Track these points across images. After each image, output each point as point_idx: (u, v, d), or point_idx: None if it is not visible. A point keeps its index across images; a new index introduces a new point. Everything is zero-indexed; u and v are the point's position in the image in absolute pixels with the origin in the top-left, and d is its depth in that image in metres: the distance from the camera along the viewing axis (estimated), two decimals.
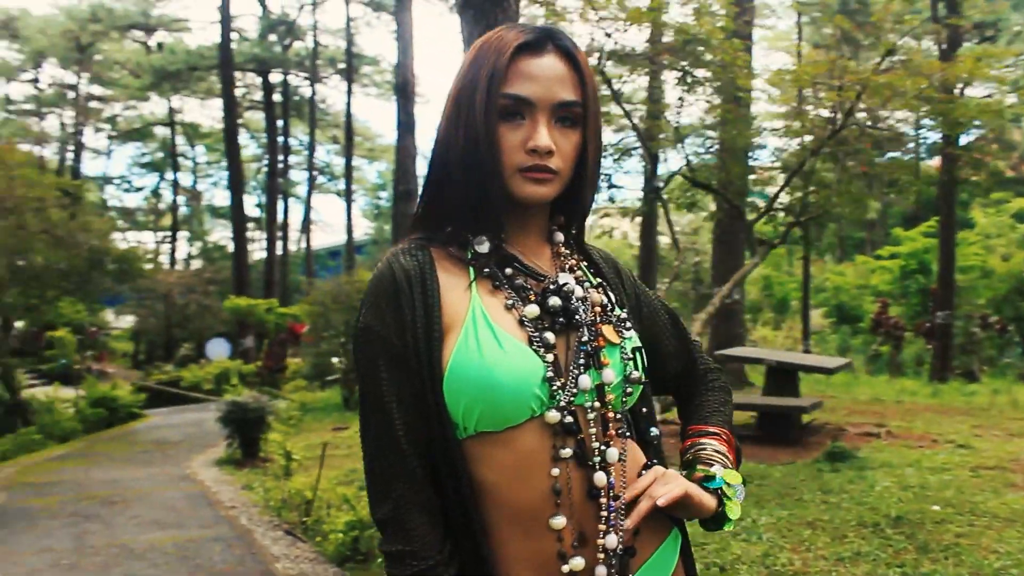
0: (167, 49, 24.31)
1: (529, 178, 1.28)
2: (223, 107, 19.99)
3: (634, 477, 1.35)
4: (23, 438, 11.15)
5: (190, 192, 39.69)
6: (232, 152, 20.64)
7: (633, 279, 1.56)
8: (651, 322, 1.53)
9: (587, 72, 1.33)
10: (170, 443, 11.48)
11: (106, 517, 7.11)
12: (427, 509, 1.29)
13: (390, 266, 1.32)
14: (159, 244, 39.05)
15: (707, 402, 1.55)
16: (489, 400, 1.23)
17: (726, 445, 1.45)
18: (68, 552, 6.04)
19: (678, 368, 1.58)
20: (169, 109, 33.64)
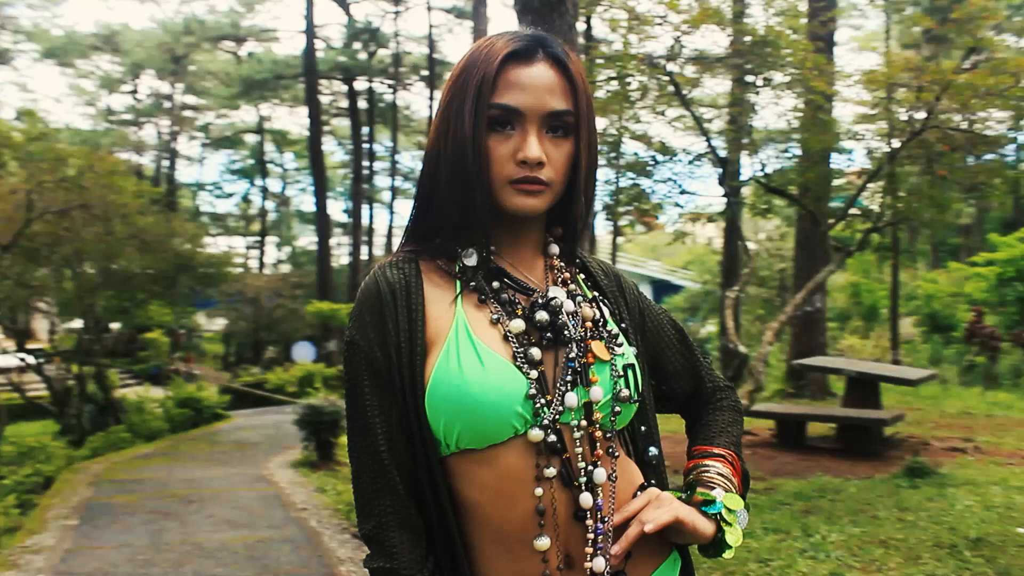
0: (254, 59, 24.98)
1: (520, 190, 1.25)
2: (308, 114, 20.42)
3: (627, 499, 1.31)
4: (113, 436, 11.55)
5: (279, 198, 40.63)
6: (316, 158, 21.06)
7: (637, 293, 1.50)
8: (656, 338, 1.48)
9: (579, 80, 1.28)
10: (249, 444, 11.74)
11: (183, 515, 7.30)
12: (409, 526, 1.27)
13: (375, 279, 1.29)
14: (249, 249, 40.11)
15: (714, 422, 1.50)
16: (469, 418, 1.19)
17: (730, 468, 1.40)
18: (145, 548, 6.23)
19: (685, 386, 1.53)
20: (258, 117, 34.53)
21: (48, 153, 10.69)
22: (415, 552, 1.26)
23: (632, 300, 1.46)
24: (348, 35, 23.63)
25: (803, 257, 12.97)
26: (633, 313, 1.44)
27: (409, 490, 1.26)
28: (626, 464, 1.35)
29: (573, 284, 1.37)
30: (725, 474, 1.37)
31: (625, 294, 1.45)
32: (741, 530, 1.31)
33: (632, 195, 9.85)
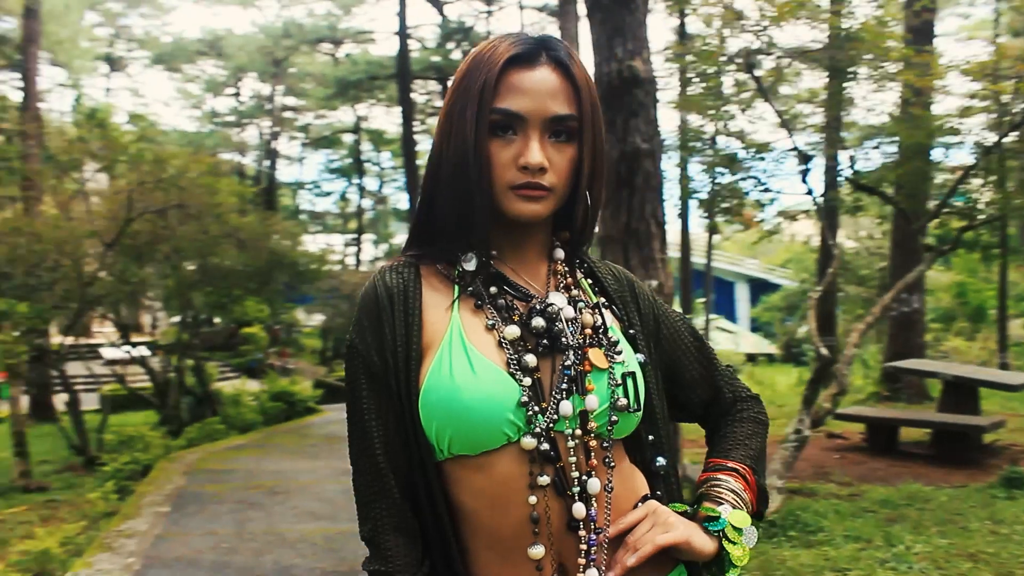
0: (349, 60, 25.50)
1: (521, 195, 1.24)
2: (400, 114, 20.74)
3: (627, 510, 1.28)
4: (208, 427, 11.94)
5: (376, 196, 41.37)
6: (409, 157, 21.37)
7: (652, 300, 1.48)
8: (672, 346, 1.46)
9: (583, 83, 1.27)
10: (338, 438, 11.98)
11: (268, 506, 7.50)
12: (404, 530, 1.28)
13: (374, 284, 1.31)
14: (347, 246, 40.96)
15: (732, 434, 1.46)
16: (460, 424, 1.20)
17: (743, 483, 1.36)
18: (229, 536, 6.43)
19: (702, 396, 1.50)
20: (355, 117, 35.22)
21: (149, 155, 11.15)
22: (410, 556, 1.27)
23: (646, 307, 1.44)
24: (441, 35, 23.89)
25: (899, 256, 12.53)
26: (646, 320, 1.42)
27: (404, 494, 1.28)
28: (629, 474, 1.33)
29: (576, 290, 1.35)
30: (736, 490, 1.34)
31: (638, 300, 1.43)
32: (748, 548, 1.28)
33: (727, 192, 9.68)
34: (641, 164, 4.70)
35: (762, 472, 1.43)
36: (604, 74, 4.80)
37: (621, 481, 1.29)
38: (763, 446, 1.47)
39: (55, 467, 10.55)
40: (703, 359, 1.49)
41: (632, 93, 4.71)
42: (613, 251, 4.78)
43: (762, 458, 1.45)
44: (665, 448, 1.39)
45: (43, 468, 10.37)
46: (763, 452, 1.46)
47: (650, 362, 1.37)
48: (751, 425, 1.48)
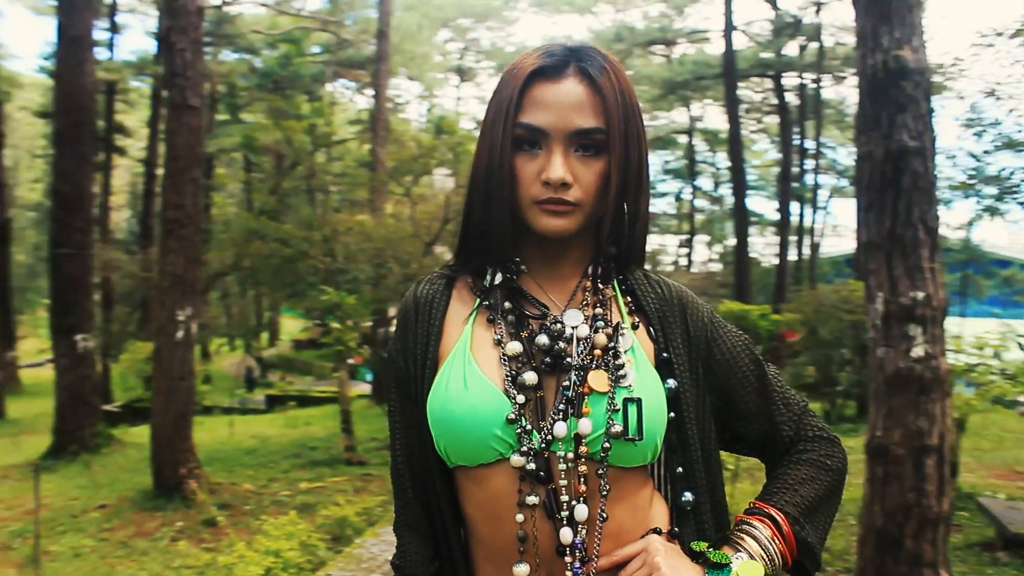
0: (675, 61, 25.46)
1: (545, 210, 1.22)
2: (727, 112, 20.38)
3: (632, 542, 1.23)
4: None
5: (710, 197, 40.95)
6: (736, 156, 20.93)
7: (709, 322, 1.35)
8: (726, 372, 1.34)
9: (611, 95, 1.21)
10: None
11: None
12: (416, 528, 1.34)
13: (410, 294, 1.37)
14: (680, 247, 40.96)
15: (783, 476, 1.33)
16: (451, 436, 1.22)
17: (775, 533, 1.24)
18: None
19: (758, 431, 1.37)
20: (689, 117, 35.08)
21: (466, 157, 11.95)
22: (420, 554, 1.33)
23: (697, 329, 1.33)
24: (773, 30, 23.10)
25: None
26: (695, 343, 1.32)
27: (419, 495, 1.33)
28: (644, 505, 1.27)
29: (603, 308, 1.29)
30: (762, 539, 1.23)
31: (687, 321, 1.33)
32: None
33: None
34: (909, 164, 4.25)
35: (814, 524, 1.29)
36: (868, 66, 4.39)
37: (630, 512, 1.24)
38: (821, 495, 1.31)
39: (378, 445, 11.64)
40: (762, 390, 1.35)
41: (899, 86, 4.26)
42: (876, 259, 4.37)
43: (819, 509, 1.31)
44: (698, 482, 1.29)
45: (368, 445, 11.49)
46: (821, 502, 1.31)
47: (689, 389, 1.28)
48: (809, 469, 1.33)
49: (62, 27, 11.98)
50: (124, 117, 29.51)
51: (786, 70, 23.56)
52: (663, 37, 26.64)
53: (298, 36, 32.18)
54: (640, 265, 1.38)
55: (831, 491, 1.33)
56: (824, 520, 1.32)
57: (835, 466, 1.35)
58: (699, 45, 29.60)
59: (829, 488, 1.33)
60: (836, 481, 1.34)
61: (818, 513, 1.30)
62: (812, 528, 1.29)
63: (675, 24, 28.25)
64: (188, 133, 8.09)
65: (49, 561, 6.28)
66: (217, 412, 16.99)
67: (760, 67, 23.20)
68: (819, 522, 1.30)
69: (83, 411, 11.57)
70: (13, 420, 19.14)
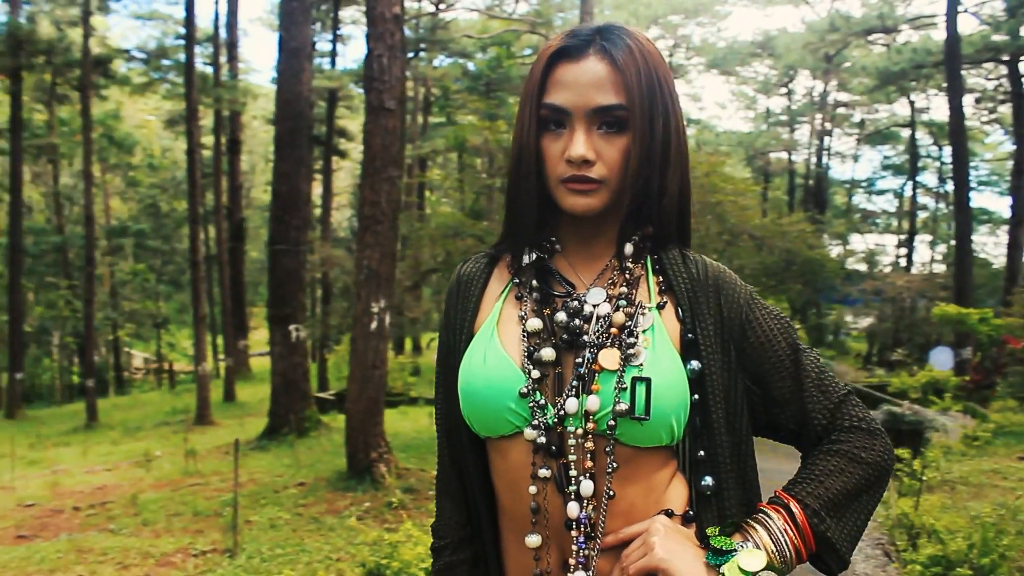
0: (893, 50, 23.91)
1: (570, 189, 1.25)
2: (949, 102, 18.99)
3: (639, 520, 1.24)
4: None
5: (935, 193, 38.37)
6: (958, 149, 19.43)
7: (746, 303, 1.31)
8: (760, 356, 1.30)
9: (632, 71, 1.22)
10: None
11: None
12: (451, 494, 1.41)
13: (456, 272, 1.44)
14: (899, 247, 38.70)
15: (809, 467, 1.28)
16: (472, 408, 1.29)
17: (788, 522, 1.21)
18: None
19: (790, 418, 1.31)
20: (911, 109, 33.00)
21: None
22: (455, 518, 1.40)
23: (732, 311, 1.29)
24: (1007, 9, 21.27)
25: None
26: (729, 325, 1.28)
27: (455, 464, 1.39)
28: (659, 486, 1.26)
29: (630, 287, 1.29)
30: (773, 529, 1.20)
31: (721, 302, 1.29)
32: None
33: None
34: None
35: (840, 519, 1.24)
36: None
37: (643, 492, 1.24)
38: (851, 488, 1.25)
39: None
40: (797, 377, 1.30)
41: None
42: None
43: (847, 504, 1.25)
44: (722, 467, 1.26)
45: None
46: (850, 496, 1.25)
47: (717, 371, 1.25)
48: (839, 460, 1.26)
49: (283, 40, 12.94)
50: (346, 122, 31.37)
51: (1021, 54, 21.64)
52: (882, 25, 25.14)
53: (508, 39, 33.00)
54: (681, 243, 1.36)
55: (865, 486, 1.26)
56: (855, 517, 1.25)
57: (871, 459, 1.27)
58: (924, 31, 27.80)
59: (862, 482, 1.26)
60: (872, 476, 1.27)
61: (846, 508, 1.24)
62: (836, 523, 1.23)
63: (897, 10, 26.62)
64: (384, 134, 8.51)
65: (248, 529, 6.84)
66: (422, 403, 17.71)
67: (991, 51, 21.40)
68: (847, 518, 1.24)
69: (295, 396, 12.46)
70: (241, 403, 20.88)
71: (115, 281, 38.78)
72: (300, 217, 13.14)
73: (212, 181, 27.38)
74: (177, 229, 37.59)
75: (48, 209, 38.29)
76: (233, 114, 26.86)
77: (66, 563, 6.06)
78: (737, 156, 35.82)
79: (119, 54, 28.56)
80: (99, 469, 11.80)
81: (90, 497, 9.22)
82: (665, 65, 1.28)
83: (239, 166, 28.15)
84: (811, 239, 13.22)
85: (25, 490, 10.20)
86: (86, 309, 22.92)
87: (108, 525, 7.52)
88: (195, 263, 18.99)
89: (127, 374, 41.66)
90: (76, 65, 24.73)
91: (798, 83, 36.43)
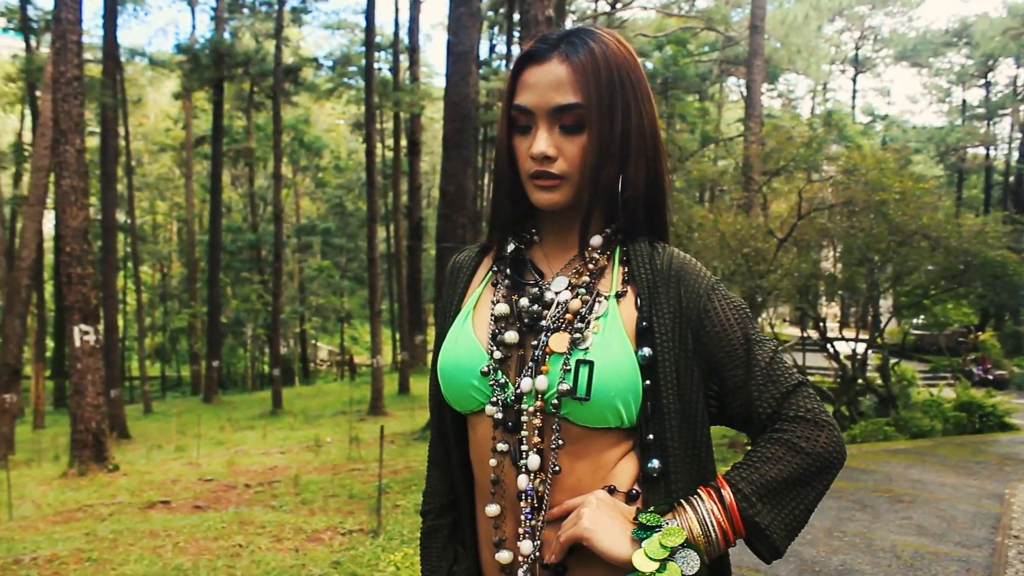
0: None
1: (536, 185, 1.33)
2: None
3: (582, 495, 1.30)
4: (876, 427, 11.77)
5: None
6: None
7: (705, 294, 1.33)
8: (715, 346, 1.31)
9: (590, 71, 1.29)
10: (1016, 460, 10.74)
11: (880, 511, 7.26)
12: (439, 465, 1.52)
13: (452, 260, 1.56)
14: None
15: (751, 453, 1.29)
16: (445, 386, 1.40)
17: (717, 504, 1.23)
18: (816, 530, 6.47)
19: (738, 407, 1.32)
20: None
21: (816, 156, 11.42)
22: (440, 487, 1.52)
23: (691, 300, 1.31)
24: None
25: None
26: (685, 313, 1.30)
27: (442, 437, 1.50)
28: (606, 465, 1.30)
29: (592, 277, 1.35)
30: (700, 510, 1.23)
31: (681, 292, 1.32)
32: (679, 569, 1.17)
33: None
34: None
35: (774, 506, 1.23)
36: None
37: (590, 469, 1.29)
38: (787, 477, 1.24)
39: (717, 441, 11.55)
40: (747, 367, 1.31)
41: None
42: None
43: (783, 492, 1.24)
44: (669, 451, 1.28)
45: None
46: (786, 484, 1.24)
47: (670, 359, 1.28)
48: (778, 448, 1.26)
49: (451, 44, 13.39)
50: None
51: None
52: None
53: (683, 36, 32.60)
54: (654, 235, 1.41)
55: (804, 476, 1.24)
56: (792, 506, 1.24)
57: (812, 450, 1.25)
58: None
59: (800, 472, 1.24)
60: (813, 467, 1.25)
61: (781, 496, 1.23)
62: (769, 509, 1.22)
63: None
64: None
65: (395, 513, 7.17)
66: None
67: None
68: (781, 506, 1.23)
69: None
70: (414, 396, 21.73)
71: (303, 277, 41.14)
72: (466, 215, 13.52)
73: (392, 181, 28.50)
74: (361, 228, 39.43)
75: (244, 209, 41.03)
76: (412, 116, 27.93)
77: (228, 532, 6.56)
78: (928, 153, 33.88)
79: (307, 62, 30.27)
80: (274, 451, 12.64)
81: (261, 476, 9.90)
82: (632, 65, 1.33)
83: (418, 167, 29.23)
84: (995, 239, 12.26)
85: (208, 467, 11.07)
86: (274, 303, 24.45)
87: (271, 502, 8.07)
88: (372, 260, 19.89)
89: (313, 365, 44.14)
90: (270, 74, 26.39)
91: (998, 73, 33.98)
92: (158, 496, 8.76)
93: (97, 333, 10.62)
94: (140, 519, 7.48)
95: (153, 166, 44.19)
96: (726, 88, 37.71)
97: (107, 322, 19.19)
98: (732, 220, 11.79)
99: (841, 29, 37.00)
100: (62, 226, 10.45)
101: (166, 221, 47.93)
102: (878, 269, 12.79)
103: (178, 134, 39.20)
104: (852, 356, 13.44)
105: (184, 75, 28.51)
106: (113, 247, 20.67)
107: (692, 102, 35.84)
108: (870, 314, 13.91)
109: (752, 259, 11.26)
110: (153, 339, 46.33)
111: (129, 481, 9.97)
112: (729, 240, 11.32)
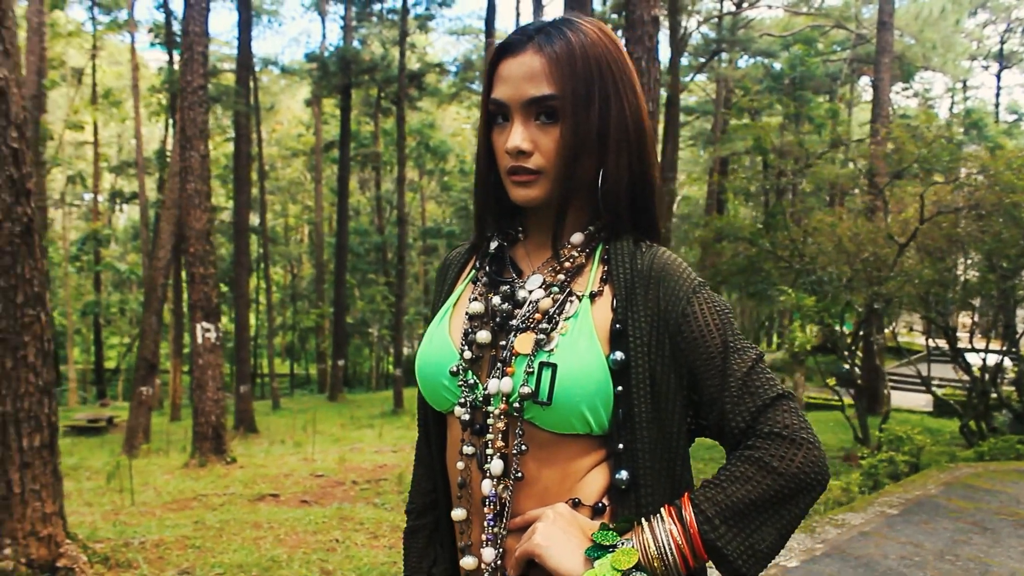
0: None
1: (513, 181, 1.28)
2: None
3: (553, 504, 1.24)
4: (1009, 444, 11.12)
5: None
6: None
7: (686, 296, 1.24)
8: (692, 353, 1.22)
9: (566, 61, 1.23)
10: None
11: (1000, 535, 6.84)
12: (424, 463, 1.51)
13: (444, 257, 1.55)
14: None
15: (720, 472, 1.20)
16: (420, 384, 1.39)
17: (677, 525, 1.16)
18: (927, 552, 6.15)
19: (712, 419, 1.23)
20: None
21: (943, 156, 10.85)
22: (423, 485, 1.51)
23: (670, 304, 1.23)
24: None
25: None
26: (663, 316, 1.22)
27: (425, 435, 1.48)
28: (573, 473, 1.24)
29: (566, 275, 1.30)
30: (658, 531, 1.15)
31: (660, 294, 1.24)
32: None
33: None
34: None
35: (739, 528, 1.14)
36: None
37: (558, 477, 1.23)
38: (756, 498, 1.15)
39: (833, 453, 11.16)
40: (723, 377, 1.21)
41: None
42: None
43: (751, 514, 1.15)
44: (640, 462, 1.21)
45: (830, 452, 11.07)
46: (754, 506, 1.15)
47: (643, 364, 1.21)
48: (747, 467, 1.16)
49: None
50: None
51: None
52: None
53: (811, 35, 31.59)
54: (641, 233, 1.34)
55: (774, 498, 1.14)
56: (760, 530, 1.14)
57: (785, 470, 1.15)
58: None
59: (771, 494, 1.14)
60: (785, 488, 1.14)
61: (748, 519, 1.14)
62: (732, 532, 1.14)
63: None
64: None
65: None
66: None
67: None
68: (748, 529, 1.14)
69: None
70: None
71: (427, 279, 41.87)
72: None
73: None
74: None
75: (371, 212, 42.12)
76: None
77: (328, 527, 6.74)
78: None
79: (431, 68, 30.82)
80: (386, 450, 12.92)
81: (369, 473, 10.14)
82: (614, 55, 1.27)
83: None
84: None
85: (321, 463, 11.42)
86: (397, 304, 25.00)
87: (374, 499, 8.26)
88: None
89: None
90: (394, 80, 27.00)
91: None
92: (268, 489, 9.09)
93: (218, 330, 11.11)
94: (248, 510, 7.78)
95: (285, 171, 45.90)
96: (858, 88, 36.35)
97: (239, 320, 20.05)
98: (851, 224, 11.36)
99: (984, 22, 35.16)
100: (187, 228, 10.98)
101: (297, 224, 49.72)
102: (1011, 276, 12.07)
103: (308, 139, 40.61)
104: (984, 368, 12.72)
105: (313, 82, 29.50)
106: (246, 249, 21.56)
107: (821, 103, 34.70)
108: (1001, 323, 13.12)
109: (871, 265, 10.81)
110: (283, 338, 48.09)
111: (244, 473, 10.40)
112: (847, 245, 10.91)
